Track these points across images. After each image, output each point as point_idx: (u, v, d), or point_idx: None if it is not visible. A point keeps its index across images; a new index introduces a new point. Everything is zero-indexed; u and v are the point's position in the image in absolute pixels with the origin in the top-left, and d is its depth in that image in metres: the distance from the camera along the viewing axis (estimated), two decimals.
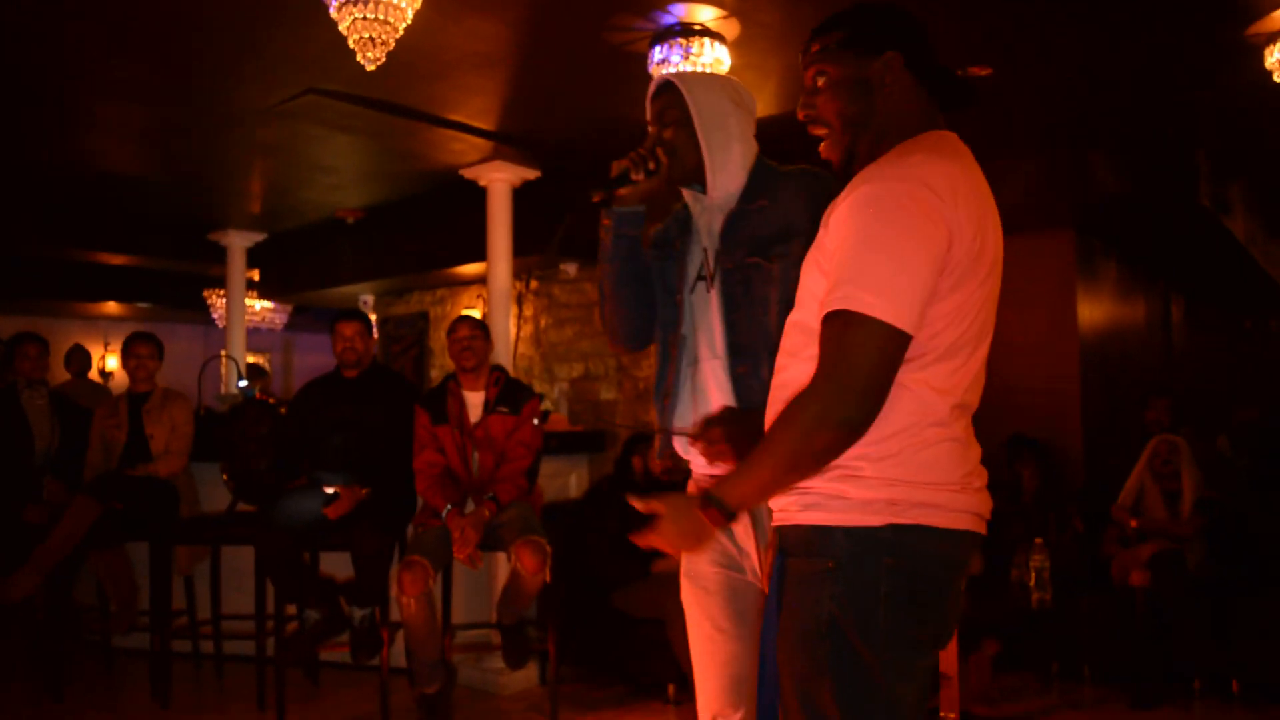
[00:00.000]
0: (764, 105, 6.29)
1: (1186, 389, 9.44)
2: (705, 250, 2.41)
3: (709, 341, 2.37)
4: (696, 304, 2.41)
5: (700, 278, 2.41)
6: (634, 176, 2.34)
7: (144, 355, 5.39)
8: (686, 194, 2.43)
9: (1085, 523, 5.82)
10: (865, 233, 1.65)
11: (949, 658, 2.60)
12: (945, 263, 1.66)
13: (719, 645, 2.37)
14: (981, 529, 1.77)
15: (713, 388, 2.35)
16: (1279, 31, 5.06)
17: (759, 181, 2.38)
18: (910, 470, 1.68)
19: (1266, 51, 5.15)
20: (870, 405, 1.63)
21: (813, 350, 1.71)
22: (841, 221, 1.70)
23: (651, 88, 2.46)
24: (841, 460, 1.68)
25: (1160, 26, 5.13)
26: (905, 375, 1.68)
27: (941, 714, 2.68)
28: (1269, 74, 5.17)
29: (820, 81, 1.89)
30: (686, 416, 2.39)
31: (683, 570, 2.46)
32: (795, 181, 2.35)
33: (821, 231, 1.80)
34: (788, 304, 2.09)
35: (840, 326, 1.64)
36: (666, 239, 2.49)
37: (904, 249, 1.63)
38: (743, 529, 2.34)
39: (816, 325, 1.71)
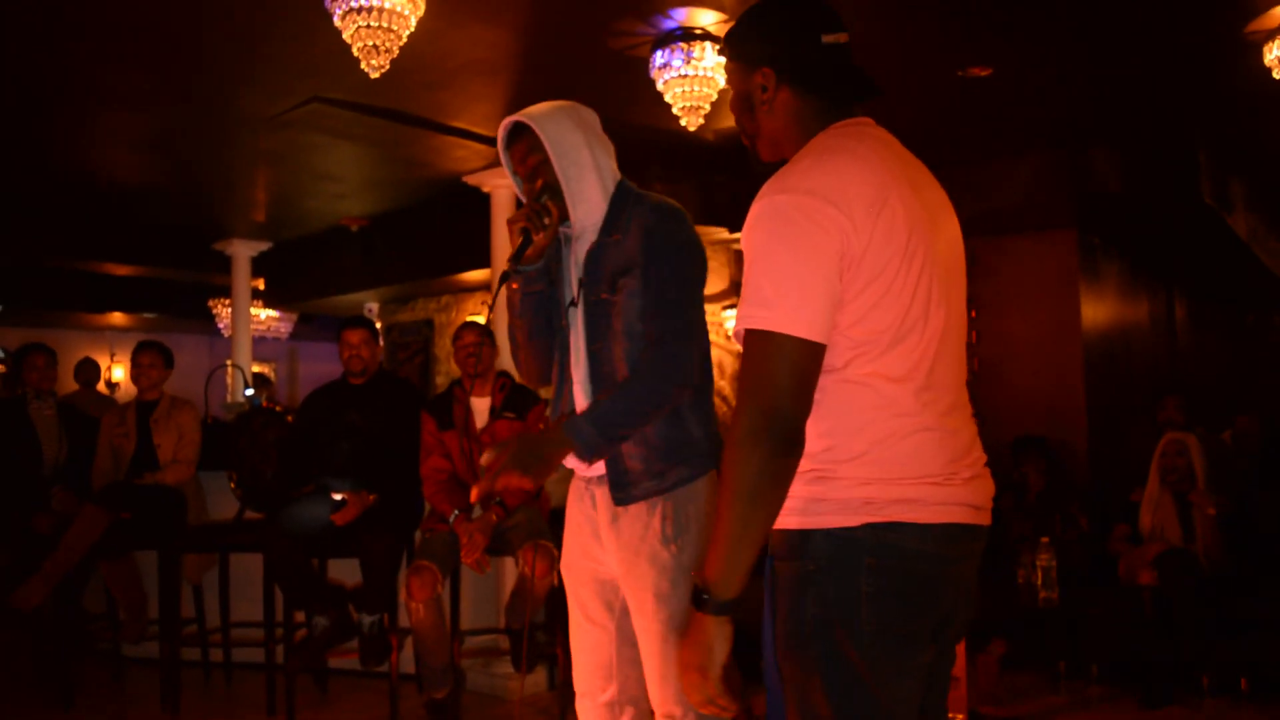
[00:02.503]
0: None
1: (1191, 386, 9.44)
2: (573, 280, 2.51)
3: (577, 365, 2.50)
4: (570, 330, 2.52)
5: (570, 304, 2.51)
6: (535, 237, 2.40)
7: (147, 365, 5.40)
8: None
9: (1091, 521, 5.83)
10: (756, 251, 1.66)
11: (957, 659, 2.63)
12: (844, 261, 1.63)
13: (586, 632, 2.56)
14: (978, 519, 1.74)
15: (577, 406, 2.49)
16: (1278, 28, 5.07)
17: (617, 211, 2.46)
18: (884, 467, 1.66)
19: (1266, 48, 5.16)
20: (790, 412, 1.60)
21: None
22: (744, 241, 1.71)
23: (502, 133, 2.51)
24: (815, 464, 1.68)
25: (1159, 24, 5.14)
26: (854, 371, 1.68)
27: (949, 714, 2.69)
28: (1269, 70, 5.18)
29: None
30: None
31: (563, 560, 2.62)
32: (640, 214, 2.43)
33: None
34: (628, 334, 2.36)
35: (747, 346, 1.65)
36: (548, 270, 2.54)
37: (792, 260, 1.62)
38: (605, 523, 2.47)
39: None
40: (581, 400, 2.48)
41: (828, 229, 1.62)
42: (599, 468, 2.45)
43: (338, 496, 4.61)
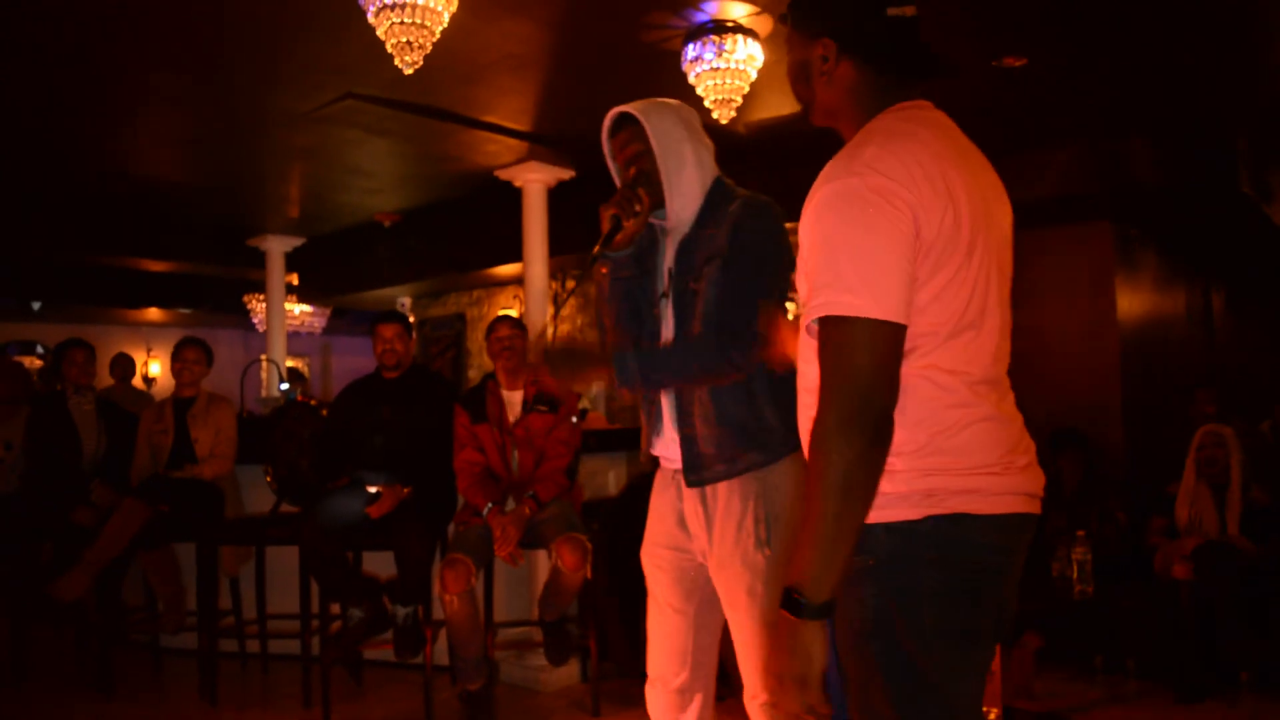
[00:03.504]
0: (796, 102, 6.28)
1: (1230, 379, 9.34)
2: (664, 270, 2.58)
3: None
4: (661, 320, 2.59)
5: (662, 294, 2.58)
6: (625, 223, 2.46)
7: (192, 360, 5.45)
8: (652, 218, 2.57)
9: (1127, 514, 5.78)
10: (831, 236, 1.61)
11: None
12: (916, 247, 1.60)
13: (665, 618, 2.63)
14: (1033, 508, 1.70)
15: (665, 398, 2.57)
16: None
17: (712, 207, 2.53)
18: (944, 458, 1.62)
19: None
20: (881, 397, 1.56)
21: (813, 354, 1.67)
22: (809, 228, 1.67)
23: (607, 122, 2.59)
24: None
25: (1197, 11, 5.08)
26: (911, 364, 1.63)
27: (984, 709, 2.68)
28: None
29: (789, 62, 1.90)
30: (669, 420, 2.57)
31: (643, 544, 2.70)
32: (733, 210, 2.49)
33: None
34: (705, 320, 2.42)
35: (829, 333, 1.60)
36: (639, 258, 2.62)
37: (871, 243, 1.58)
38: (692, 512, 2.54)
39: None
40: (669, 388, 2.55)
41: (903, 212, 1.59)
42: (675, 459, 2.55)
43: (373, 489, 4.64)
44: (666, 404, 2.56)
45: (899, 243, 1.58)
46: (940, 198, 1.61)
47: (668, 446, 2.58)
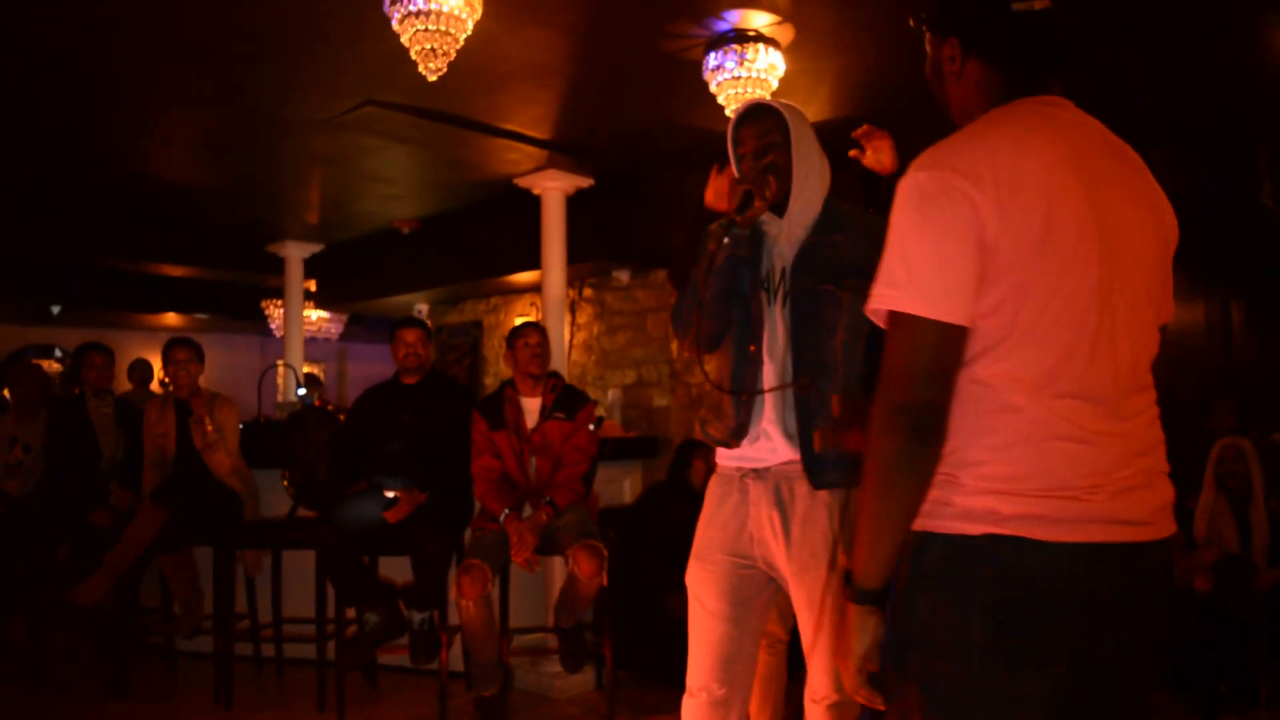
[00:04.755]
0: (817, 110, 6.28)
1: (1248, 390, 9.28)
2: (775, 267, 2.60)
3: (774, 347, 2.58)
4: (764, 314, 2.60)
5: (764, 288, 2.60)
6: (756, 202, 2.49)
7: (185, 360, 5.34)
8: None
9: None
10: (894, 229, 1.60)
11: None
12: (982, 243, 1.54)
13: (712, 626, 2.59)
14: (1132, 535, 1.58)
15: (773, 395, 2.57)
16: None
17: (831, 216, 2.60)
18: (1010, 476, 1.55)
19: None
20: (923, 393, 1.53)
21: None
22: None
23: (742, 108, 2.65)
24: (946, 466, 1.59)
25: (1219, 23, 5.07)
26: (981, 369, 1.58)
27: None
28: None
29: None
30: (759, 412, 2.58)
31: (694, 551, 2.66)
32: (862, 222, 2.57)
33: None
34: (852, 331, 2.48)
35: (888, 329, 1.60)
36: (754, 240, 2.64)
37: (925, 236, 1.56)
38: (763, 518, 2.54)
39: None
40: (772, 379, 2.56)
41: (964, 206, 1.54)
42: (756, 458, 2.56)
43: (390, 494, 4.65)
44: (771, 402, 2.57)
45: (959, 239, 1.54)
46: (1006, 190, 1.54)
47: (755, 446, 2.57)
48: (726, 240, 2.52)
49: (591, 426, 4.72)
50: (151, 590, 5.65)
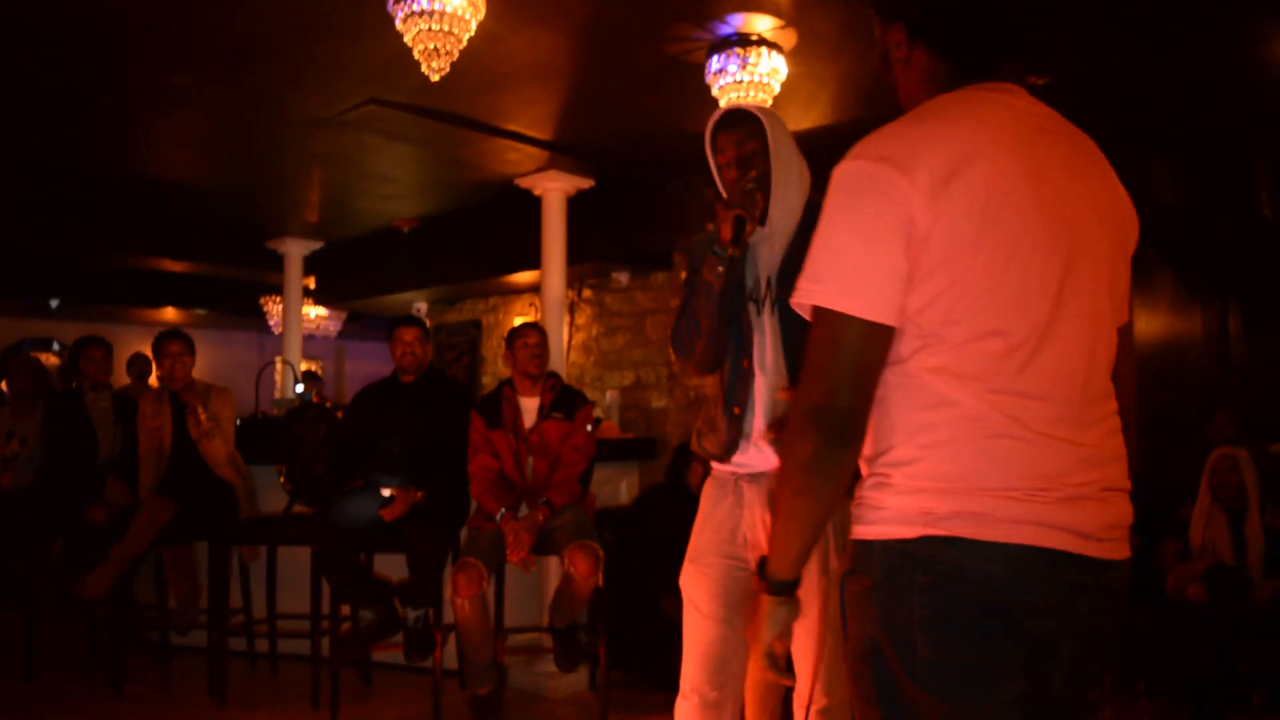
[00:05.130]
0: (819, 115, 6.30)
1: (1245, 401, 9.30)
2: (761, 277, 2.58)
3: (763, 358, 2.57)
4: (753, 326, 2.60)
5: (752, 299, 2.59)
6: (749, 226, 2.46)
7: (179, 353, 5.31)
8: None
9: (1140, 537, 5.75)
10: (822, 220, 1.52)
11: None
12: (911, 236, 1.46)
13: (706, 629, 2.59)
14: (1081, 547, 1.49)
15: (759, 397, 2.58)
16: None
17: (813, 216, 2.52)
18: (948, 473, 1.47)
19: None
20: (842, 396, 1.46)
21: None
22: None
23: (718, 115, 2.60)
24: (876, 467, 1.54)
25: (1219, 34, 5.08)
26: (917, 364, 1.50)
27: None
28: None
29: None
30: (754, 424, 2.59)
31: (688, 554, 2.67)
32: None
33: None
34: None
35: (812, 324, 1.52)
36: (744, 262, 2.62)
37: (851, 231, 1.48)
38: (756, 521, 2.56)
39: None
40: (764, 392, 2.56)
41: (892, 198, 1.46)
42: (749, 464, 2.57)
43: (386, 492, 4.65)
44: (762, 408, 2.57)
45: (885, 234, 1.46)
46: (940, 179, 1.45)
47: (748, 454, 2.59)
48: (721, 269, 2.50)
49: (589, 427, 4.73)
50: (146, 585, 5.65)
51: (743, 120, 2.57)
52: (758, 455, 2.58)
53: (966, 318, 1.48)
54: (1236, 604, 4.91)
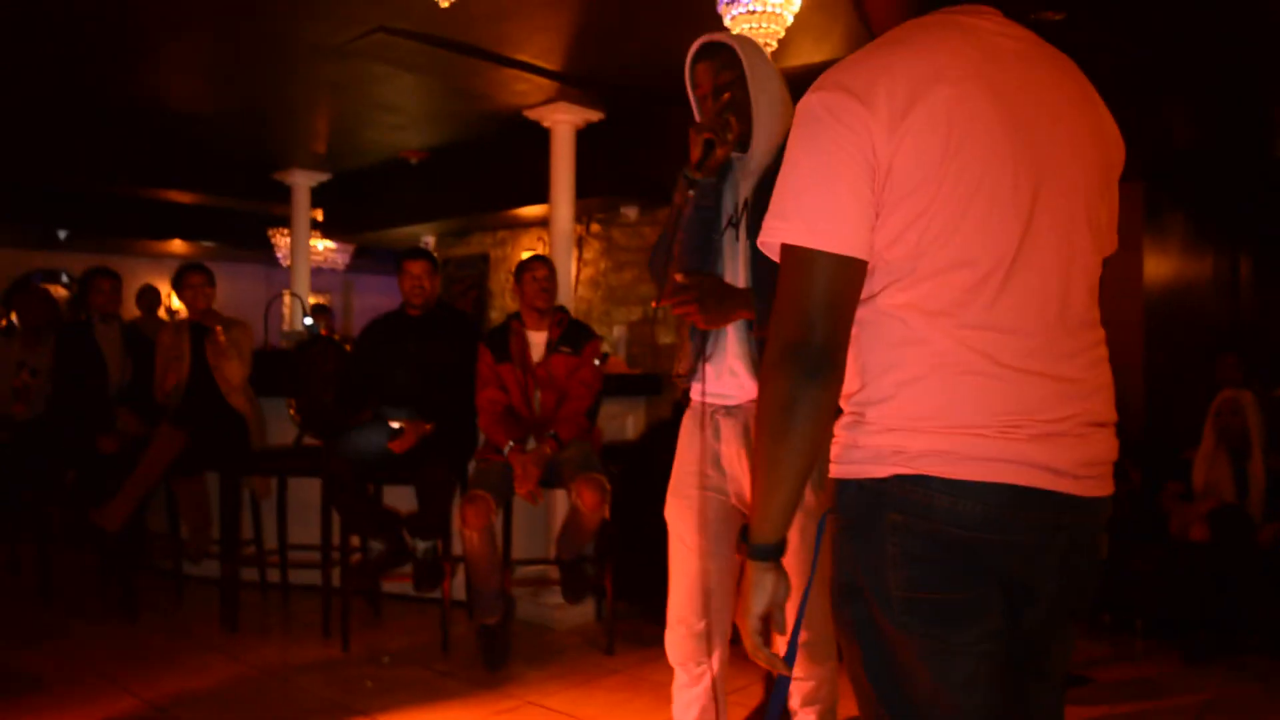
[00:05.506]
0: (831, 48, 6.23)
1: (1253, 345, 9.30)
2: (740, 203, 2.54)
3: (733, 281, 2.54)
4: (727, 252, 2.56)
5: (731, 224, 2.55)
6: (718, 150, 2.42)
7: (200, 284, 5.35)
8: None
9: (1141, 474, 5.79)
10: (786, 156, 1.48)
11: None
12: (875, 167, 1.41)
13: (690, 560, 2.62)
14: (1054, 483, 1.45)
15: (732, 327, 2.53)
16: None
17: None
18: (918, 412, 1.44)
19: None
20: (816, 331, 1.41)
21: None
22: None
23: (695, 47, 2.55)
24: (850, 406, 1.51)
25: None
26: (886, 300, 1.47)
27: None
28: None
29: None
30: (723, 347, 2.56)
31: (670, 487, 2.68)
32: None
33: None
34: None
35: (780, 262, 1.48)
36: (719, 190, 2.57)
37: (814, 163, 1.43)
38: (733, 453, 2.55)
39: None
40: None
41: (854, 128, 1.41)
42: (725, 394, 2.54)
43: (395, 425, 4.68)
44: (735, 337, 2.53)
45: (847, 165, 1.41)
46: (900, 107, 1.40)
47: (722, 382, 2.55)
48: (692, 193, 2.46)
49: (597, 361, 4.74)
50: (158, 514, 5.71)
51: (718, 51, 2.52)
52: (733, 382, 2.54)
53: (933, 249, 1.43)
54: (1240, 546, 4.94)
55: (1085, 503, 1.50)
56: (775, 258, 1.49)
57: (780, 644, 1.63)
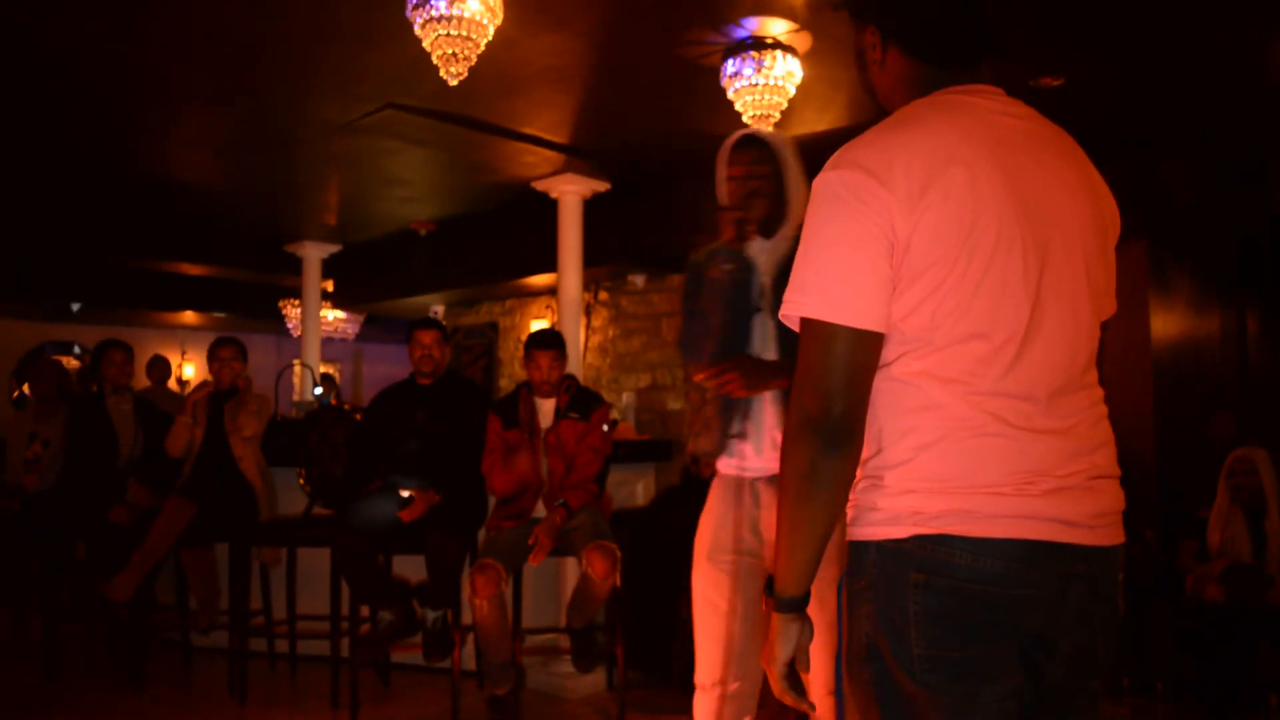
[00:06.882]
0: (833, 118, 6.31)
1: (1263, 401, 9.27)
2: (766, 286, 2.75)
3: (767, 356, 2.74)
4: (756, 328, 2.76)
5: (757, 308, 2.75)
6: (747, 229, 2.71)
7: (229, 358, 5.46)
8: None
9: (1156, 534, 5.75)
10: (805, 232, 1.55)
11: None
12: (893, 244, 1.48)
13: (726, 624, 2.70)
14: (1069, 535, 1.51)
15: (769, 401, 2.71)
16: None
17: None
18: (937, 473, 1.50)
19: None
20: (835, 402, 1.48)
21: None
22: None
23: (736, 137, 2.83)
24: (867, 470, 1.57)
25: (1233, 31, 5.08)
26: (901, 369, 1.53)
27: None
28: None
29: None
30: (760, 420, 2.73)
31: (702, 554, 2.78)
32: None
33: None
34: None
35: (801, 335, 1.55)
36: (749, 263, 2.80)
37: (834, 240, 1.50)
38: (769, 518, 2.66)
39: None
40: (767, 395, 2.71)
41: (873, 206, 1.48)
42: (767, 466, 2.68)
43: (405, 494, 4.68)
44: (773, 409, 2.70)
45: (866, 242, 1.48)
46: (917, 186, 1.47)
47: (764, 454, 2.71)
48: (729, 266, 2.70)
49: (605, 427, 4.75)
50: (167, 585, 5.70)
51: (757, 144, 2.78)
52: (772, 456, 2.69)
53: (948, 323, 1.51)
54: (1256, 604, 4.90)
55: (1099, 552, 1.56)
56: (795, 329, 1.56)
57: (806, 680, 1.71)
